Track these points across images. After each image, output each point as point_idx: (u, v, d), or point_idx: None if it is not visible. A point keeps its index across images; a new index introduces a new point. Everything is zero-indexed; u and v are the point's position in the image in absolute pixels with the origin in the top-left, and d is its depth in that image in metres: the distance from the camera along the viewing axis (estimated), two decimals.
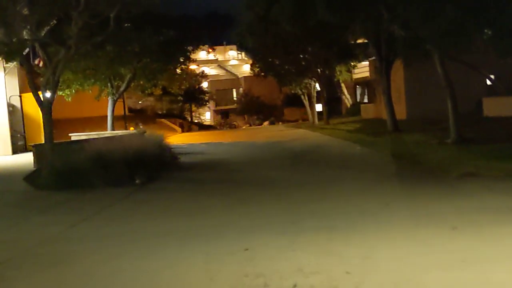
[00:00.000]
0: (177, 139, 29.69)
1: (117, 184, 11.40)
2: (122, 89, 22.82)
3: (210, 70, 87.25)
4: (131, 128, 29.61)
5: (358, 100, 43.23)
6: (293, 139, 23.53)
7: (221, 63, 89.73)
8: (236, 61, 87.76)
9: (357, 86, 43.54)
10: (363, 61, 36.38)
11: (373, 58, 31.95)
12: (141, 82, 22.86)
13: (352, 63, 35.63)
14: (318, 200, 9.03)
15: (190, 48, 23.64)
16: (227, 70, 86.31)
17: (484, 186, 9.21)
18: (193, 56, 25.18)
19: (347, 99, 43.84)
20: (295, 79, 37.57)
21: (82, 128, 31.11)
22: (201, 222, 7.76)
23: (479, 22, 14.74)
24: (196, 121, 54.56)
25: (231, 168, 14.58)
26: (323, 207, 8.34)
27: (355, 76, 40.18)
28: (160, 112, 47.09)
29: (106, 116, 30.65)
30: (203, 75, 54.69)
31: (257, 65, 39.97)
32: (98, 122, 32.06)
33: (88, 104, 33.21)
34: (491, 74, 24.56)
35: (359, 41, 33.45)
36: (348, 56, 33.36)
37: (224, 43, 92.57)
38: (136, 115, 39.43)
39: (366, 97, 41.73)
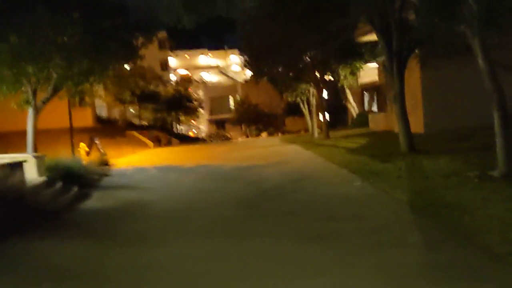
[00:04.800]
0: (132, 158, 24.02)
1: None
2: (47, 95, 17.04)
3: (210, 77, 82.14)
4: (82, 146, 23.85)
5: (365, 108, 37.24)
6: (276, 163, 17.65)
7: (222, 68, 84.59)
8: (238, 67, 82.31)
9: (365, 92, 37.51)
10: (370, 62, 30.48)
11: (382, 57, 26.23)
12: (66, 88, 17.00)
13: (356, 65, 29.72)
14: None
15: (137, 41, 17.78)
16: (228, 76, 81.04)
17: None
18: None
19: (353, 108, 37.91)
20: (291, 84, 31.84)
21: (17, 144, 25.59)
22: None
23: None
24: (181, 133, 48.93)
25: (142, 228, 8.71)
26: None
27: (361, 81, 34.14)
28: (136, 123, 41.48)
29: (66, 128, 25.04)
30: (188, 80, 49.00)
31: (248, 69, 34.35)
32: (54, 135, 26.56)
33: (48, 114, 27.85)
34: None
35: (365, 38, 27.70)
36: (350, 55, 27.48)
37: (225, 47, 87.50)
38: (103, 127, 33.79)
39: (375, 105, 35.76)
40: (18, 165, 10.15)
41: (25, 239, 7.84)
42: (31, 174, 12.22)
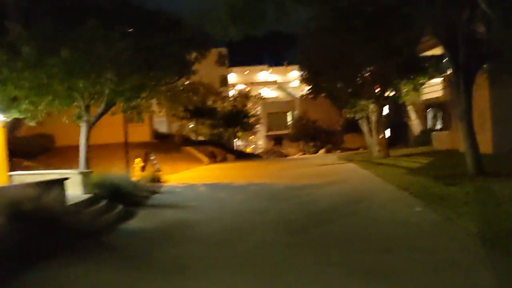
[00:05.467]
0: (186, 175, 23.68)
1: None
2: (99, 111, 16.95)
3: (269, 92, 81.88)
4: (137, 162, 23.80)
5: (428, 126, 35.49)
6: (330, 182, 16.74)
7: (281, 84, 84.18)
8: (297, 83, 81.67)
9: (428, 109, 35.81)
10: (434, 77, 29.00)
11: (447, 72, 24.79)
12: (120, 103, 16.80)
13: (420, 80, 28.31)
14: None
15: (190, 56, 17.41)
16: (287, 92, 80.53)
17: None
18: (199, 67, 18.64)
19: (415, 125, 36.26)
20: (349, 100, 30.72)
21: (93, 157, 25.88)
22: None
23: None
24: (238, 149, 48.55)
25: (181, 253, 8.11)
26: None
27: (424, 97, 32.53)
28: (194, 139, 41.39)
29: (123, 143, 25.13)
30: (246, 96, 48.59)
31: (306, 84, 33.53)
32: (112, 150, 26.76)
33: (106, 128, 28.18)
34: None
35: (429, 53, 26.40)
36: (413, 70, 26.17)
37: (285, 63, 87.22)
38: (160, 142, 33.83)
39: (438, 122, 34.02)
40: (58, 183, 9.81)
41: (55, 264, 7.37)
42: (76, 191, 11.96)
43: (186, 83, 21.40)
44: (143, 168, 24.12)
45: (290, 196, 14.08)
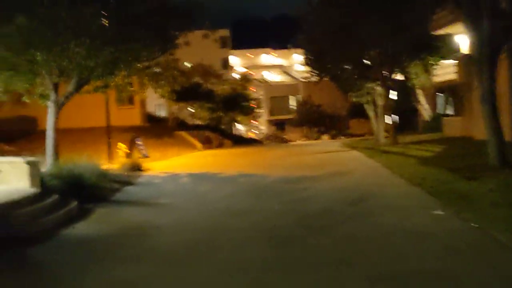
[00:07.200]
0: (173, 162, 21.65)
1: None
2: (69, 89, 14.86)
3: (272, 76, 79.64)
4: (120, 147, 21.78)
5: (439, 111, 33.24)
6: (331, 174, 14.66)
7: (285, 68, 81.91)
8: (301, 66, 79.31)
9: (438, 93, 33.54)
10: (447, 58, 26.76)
11: (462, 52, 22.52)
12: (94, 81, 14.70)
13: (431, 61, 26.11)
14: None
15: (175, 28, 15.19)
16: (291, 76, 78.23)
17: None
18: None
19: (425, 110, 34.02)
20: (355, 83, 28.56)
21: (76, 141, 23.93)
22: None
23: None
24: (238, 134, 46.50)
25: (124, 277, 6.08)
26: None
27: (435, 80, 30.26)
28: (190, 123, 39.29)
29: (112, 127, 23.03)
30: (247, 79, 46.40)
31: (309, 67, 31.35)
32: (98, 134, 24.80)
33: (92, 110, 26.20)
34: None
35: (442, 31, 24.13)
36: (424, 49, 23.96)
37: (289, 46, 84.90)
38: (152, 126, 31.80)
39: (450, 107, 31.78)
40: None
41: None
42: (21, 184, 9.95)
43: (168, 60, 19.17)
44: (128, 154, 22.13)
45: (282, 191, 12.00)
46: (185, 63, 42.43)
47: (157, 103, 42.03)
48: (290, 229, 7.98)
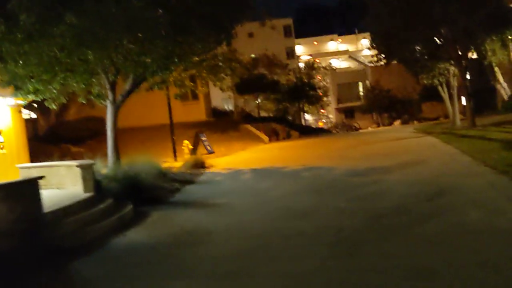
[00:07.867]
0: (238, 157, 21.04)
1: None
2: (127, 88, 14.54)
3: (340, 63, 77.67)
4: (185, 144, 21.47)
5: None
6: (404, 164, 13.44)
7: (352, 53, 79.65)
8: (369, 51, 76.82)
9: None
10: None
11: None
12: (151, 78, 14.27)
13: (509, 36, 23.98)
14: None
15: (230, 18, 14.43)
16: (359, 62, 75.97)
17: None
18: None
19: (504, 89, 31.61)
20: (426, 64, 26.88)
21: (145, 140, 23.96)
22: None
23: None
24: (305, 124, 45.41)
25: None
26: None
27: None
28: (255, 115, 38.61)
29: (178, 124, 22.80)
30: (312, 67, 45.13)
31: (375, 50, 29.85)
32: (164, 131, 24.69)
33: (157, 109, 26.13)
34: None
35: None
36: (502, 24, 21.99)
37: (356, 31, 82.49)
38: (217, 121, 31.43)
39: None
40: (29, 184, 7.33)
41: None
42: (76, 188, 9.60)
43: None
44: (192, 151, 21.82)
45: (349, 186, 11.00)
46: (251, 56, 41.80)
47: (224, 97, 41.77)
48: (359, 232, 7.05)
